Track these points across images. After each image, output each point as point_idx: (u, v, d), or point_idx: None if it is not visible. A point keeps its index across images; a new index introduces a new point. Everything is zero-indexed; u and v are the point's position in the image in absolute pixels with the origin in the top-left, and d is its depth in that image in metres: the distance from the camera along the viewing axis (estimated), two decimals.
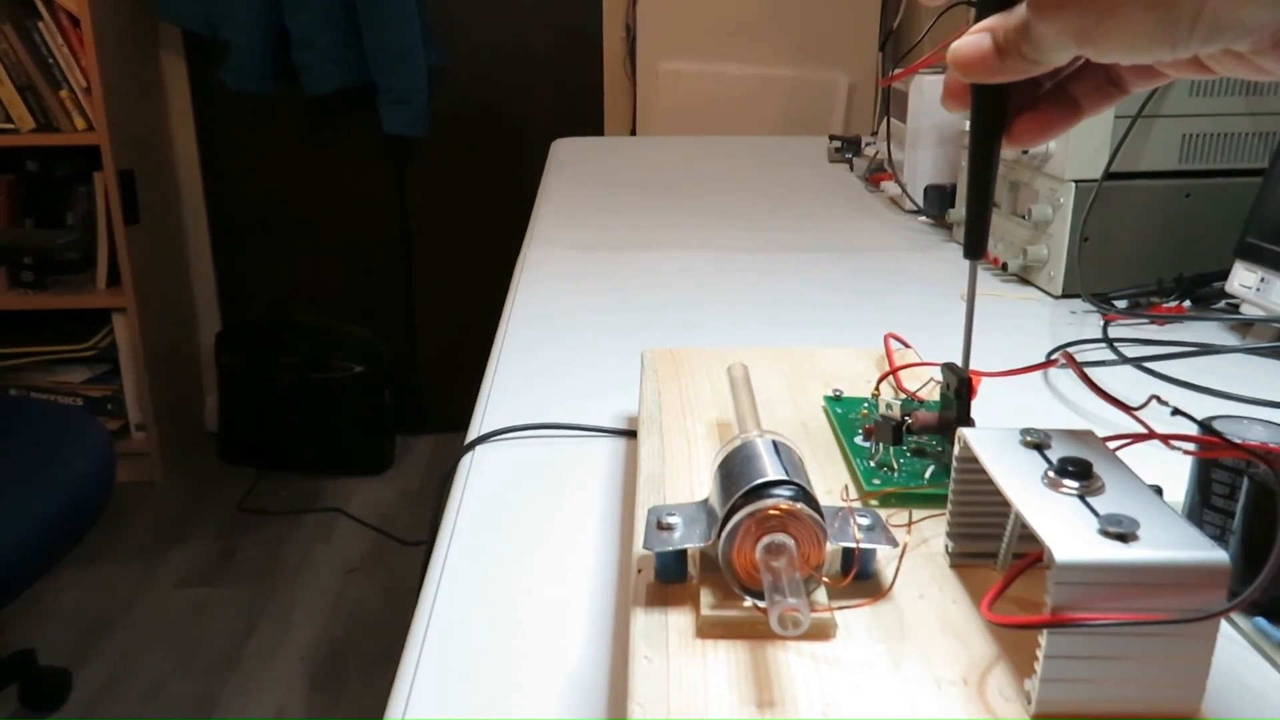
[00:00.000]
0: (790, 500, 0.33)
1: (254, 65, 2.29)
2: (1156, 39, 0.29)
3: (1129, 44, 0.30)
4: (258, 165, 2.53)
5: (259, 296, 2.64)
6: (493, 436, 0.58)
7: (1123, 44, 0.30)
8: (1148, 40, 0.30)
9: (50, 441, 1.35)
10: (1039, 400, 0.64)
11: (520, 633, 0.40)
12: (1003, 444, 0.35)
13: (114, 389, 2.39)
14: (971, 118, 0.38)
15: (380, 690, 0.38)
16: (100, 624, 1.93)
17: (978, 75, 0.34)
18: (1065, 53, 0.32)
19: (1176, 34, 0.29)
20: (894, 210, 1.19)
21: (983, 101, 0.37)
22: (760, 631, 0.32)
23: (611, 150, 1.66)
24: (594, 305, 0.83)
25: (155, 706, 1.71)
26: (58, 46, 2.14)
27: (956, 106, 0.37)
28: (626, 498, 0.51)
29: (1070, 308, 0.83)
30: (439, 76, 2.41)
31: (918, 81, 1.11)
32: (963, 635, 0.33)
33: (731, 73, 2.31)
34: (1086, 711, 0.29)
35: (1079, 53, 0.32)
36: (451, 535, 0.48)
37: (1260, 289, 0.72)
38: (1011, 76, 0.34)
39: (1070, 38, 0.31)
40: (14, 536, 1.16)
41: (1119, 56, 0.31)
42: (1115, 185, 0.82)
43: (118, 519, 2.27)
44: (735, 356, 0.55)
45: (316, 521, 2.31)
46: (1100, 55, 0.31)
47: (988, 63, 0.34)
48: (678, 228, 1.11)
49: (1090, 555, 0.28)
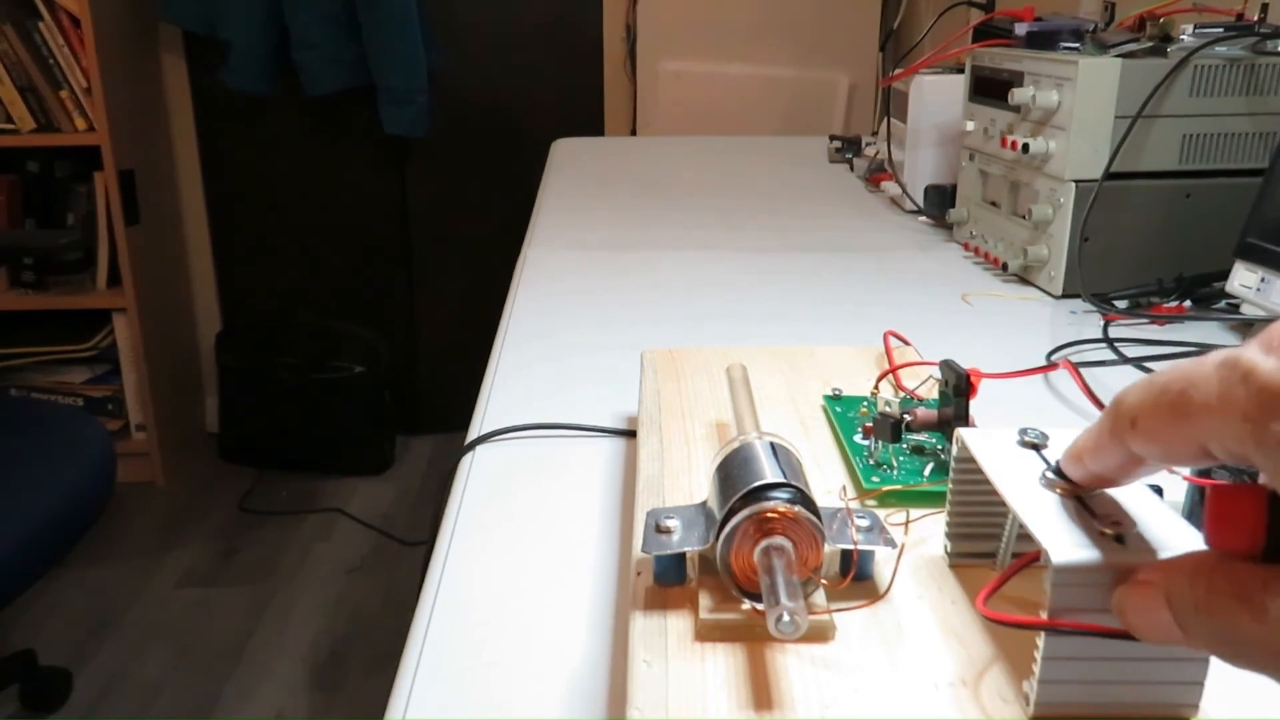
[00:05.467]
0: (788, 503, 0.33)
1: (254, 65, 2.29)
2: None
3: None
4: (258, 165, 2.53)
5: (259, 296, 2.64)
6: (493, 436, 0.58)
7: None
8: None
9: (50, 442, 1.35)
10: (1038, 400, 0.64)
11: (520, 633, 0.40)
12: (1000, 444, 0.35)
13: (114, 389, 2.39)
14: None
15: (380, 690, 0.38)
16: (100, 624, 1.93)
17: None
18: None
19: None
20: (894, 210, 1.19)
21: None
22: (759, 634, 0.32)
23: (611, 150, 1.65)
24: (594, 305, 0.83)
25: (155, 707, 1.71)
26: (58, 47, 2.14)
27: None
28: (626, 498, 0.51)
29: (1070, 308, 0.83)
30: (439, 77, 2.41)
31: (918, 81, 1.11)
32: (961, 636, 0.33)
33: (732, 73, 2.31)
34: (1085, 712, 0.29)
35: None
36: (451, 535, 0.48)
37: (1260, 289, 0.72)
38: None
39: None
40: (14, 536, 1.16)
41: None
42: (1115, 185, 0.81)
43: (118, 519, 2.27)
44: (734, 356, 0.55)
45: (316, 521, 2.31)
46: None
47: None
48: (678, 228, 1.11)
49: (1087, 556, 0.28)
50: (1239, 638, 0.24)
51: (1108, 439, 0.28)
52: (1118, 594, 0.27)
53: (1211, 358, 0.24)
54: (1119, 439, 0.27)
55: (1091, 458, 0.29)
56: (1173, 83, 0.80)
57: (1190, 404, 0.24)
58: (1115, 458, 0.28)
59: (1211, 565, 0.25)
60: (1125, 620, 0.27)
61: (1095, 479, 0.30)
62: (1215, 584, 0.24)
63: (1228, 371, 0.24)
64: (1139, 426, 0.27)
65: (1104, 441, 0.28)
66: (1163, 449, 0.26)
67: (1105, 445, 0.28)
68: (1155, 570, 0.27)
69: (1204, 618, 0.25)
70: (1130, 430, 0.27)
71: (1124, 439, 0.27)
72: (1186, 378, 0.25)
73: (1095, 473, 0.30)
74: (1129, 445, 0.27)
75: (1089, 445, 0.29)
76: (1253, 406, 0.23)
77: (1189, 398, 0.24)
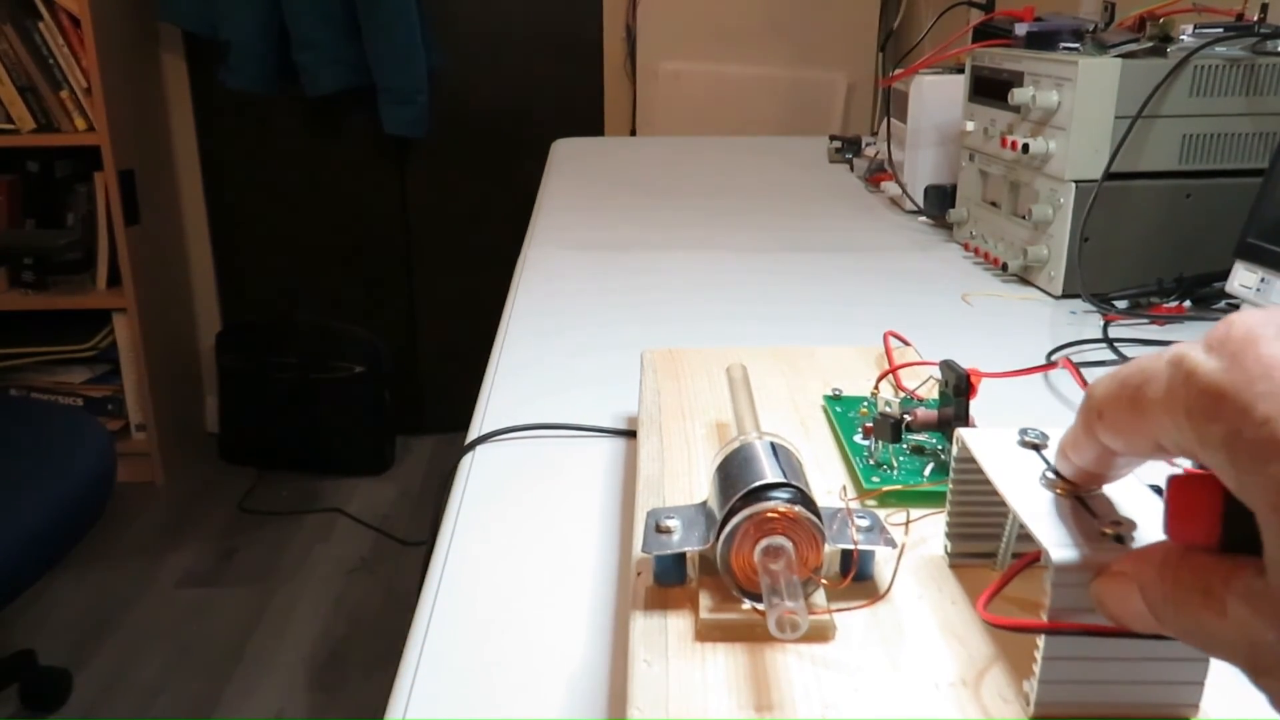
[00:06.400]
0: (788, 503, 0.33)
1: (254, 65, 2.29)
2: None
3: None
4: (258, 165, 2.53)
5: (259, 297, 2.64)
6: (493, 436, 0.58)
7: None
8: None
9: (50, 442, 1.35)
10: (1038, 400, 0.64)
11: (520, 633, 0.40)
12: (1000, 444, 0.35)
13: (114, 389, 2.39)
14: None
15: (380, 690, 0.38)
16: (100, 624, 1.93)
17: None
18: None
19: None
20: (894, 210, 1.19)
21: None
22: (759, 634, 0.32)
23: (611, 150, 1.65)
24: (594, 305, 0.83)
25: (155, 706, 1.71)
26: (58, 47, 2.14)
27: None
28: (626, 498, 0.51)
29: (1070, 308, 0.83)
30: (439, 77, 2.41)
31: (918, 81, 1.11)
32: (961, 636, 0.33)
33: (731, 73, 2.31)
34: (1085, 712, 0.29)
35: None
36: (451, 535, 0.48)
37: (1261, 289, 0.72)
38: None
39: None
40: (14, 536, 1.16)
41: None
42: (1115, 185, 0.81)
43: (118, 519, 2.27)
44: (734, 356, 0.55)
45: (316, 521, 2.31)
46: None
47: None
48: (678, 228, 1.11)
49: (1087, 556, 0.28)
50: (1204, 630, 0.24)
51: (1082, 433, 0.28)
52: (1094, 584, 0.27)
53: (1165, 353, 0.24)
54: (1090, 432, 0.28)
55: (1073, 451, 0.29)
56: (1173, 83, 0.80)
57: (1144, 399, 0.24)
58: (1091, 451, 0.28)
59: (1178, 557, 0.24)
60: (1103, 610, 0.27)
61: (1082, 474, 0.30)
62: (1180, 577, 0.24)
63: (1174, 370, 0.23)
64: (1104, 419, 0.27)
65: (1079, 435, 0.28)
66: (1124, 442, 0.26)
67: (1080, 439, 0.28)
68: (1127, 561, 0.26)
69: (1172, 610, 0.24)
70: (1099, 422, 0.27)
71: (1094, 431, 0.27)
72: (1143, 371, 0.25)
73: (1079, 467, 0.30)
74: (1099, 438, 0.27)
75: (1069, 440, 0.30)
76: (1194, 406, 0.23)
77: (1143, 393, 0.24)
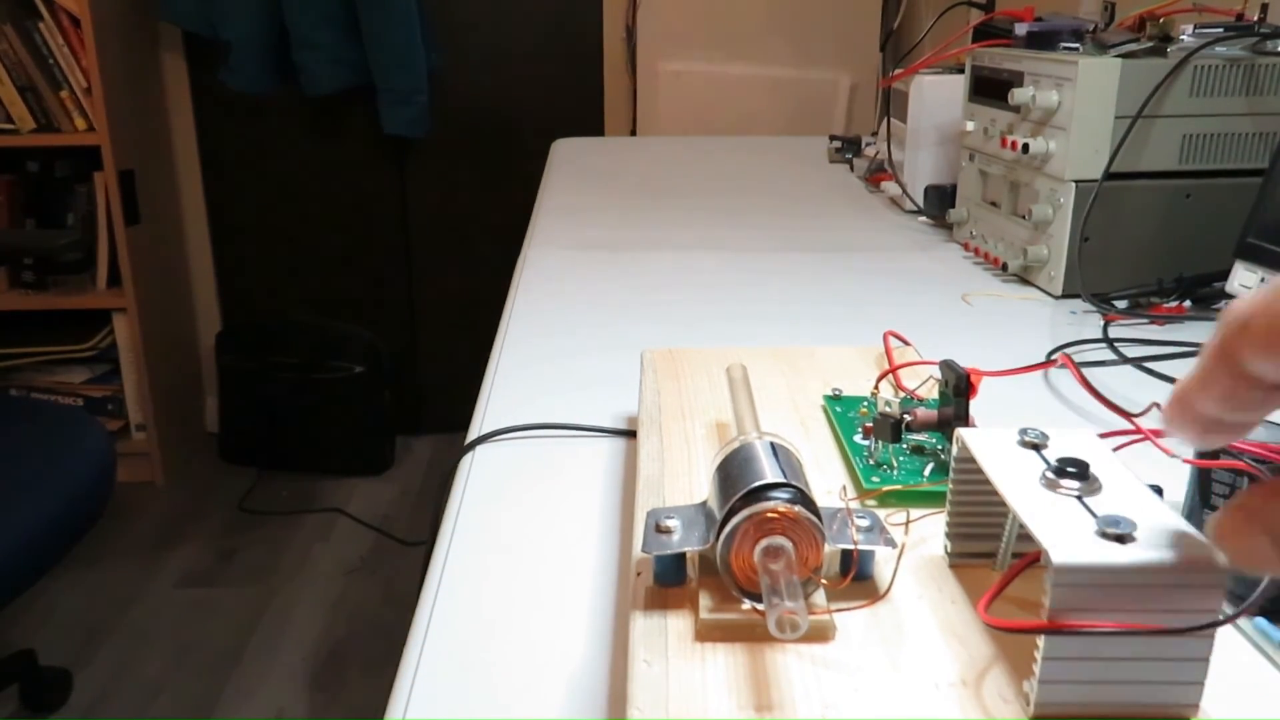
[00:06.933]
0: (788, 503, 0.33)
1: (254, 65, 2.29)
2: None
3: None
4: (258, 165, 2.53)
5: (259, 297, 2.64)
6: (493, 436, 0.58)
7: None
8: None
9: (50, 442, 1.35)
10: (1038, 400, 0.64)
11: (520, 633, 0.40)
12: (1000, 444, 0.35)
13: (114, 389, 2.39)
14: None
15: (380, 690, 0.38)
16: (100, 624, 1.93)
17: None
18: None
19: None
20: (894, 210, 1.19)
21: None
22: (759, 634, 0.32)
23: (611, 150, 1.65)
24: (594, 305, 0.83)
25: (155, 706, 1.71)
26: (58, 47, 2.14)
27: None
28: (626, 498, 0.51)
29: (1070, 308, 0.83)
30: (439, 77, 2.41)
31: (918, 81, 1.11)
32: (961, 636, 0.33)
33: (732, 73, 2.31)
34: (1086, 713, 0.29)
35: None
36: (451, 535, 0.48)
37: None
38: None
39: None
40: (14, 536, 1.16)
41: None
42: (1115, 185, 0.81)
43: (118, 519, 2.27)
44: (734, 356, 0.55)
45: (316, 521, 2.31)
46: None
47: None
48: (678, 228, 1.11)
49: (1088, 557, 0.28)
50: None
51: (1216, 361, 0.24)
52: (1213, 519, 0.24)
53: None
54: (1231, 356, 0.23)
55: (1199, 393, 0.25)
56: (1173, 83, 0.80)
57: None
58: (1224, 383, 0.24)
59: None
60: (1222, 546, 0.24)
61: (1205, 426, 0.25)
62: None
63: None
64: (1252, 329, 0.23)
65: (1211, 365, 0.24)
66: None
67: (1212, 370, 0.24)
68: (1253, 494, 0.23)
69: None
70: (1243, 337, 0.23)
71: (1237, 352, 0.23)
72: None
73: (1204, 415, 0.25)
74: (1242, 360, 0.23)
75: (1194, 378, 0.25)
76: None
77: None
